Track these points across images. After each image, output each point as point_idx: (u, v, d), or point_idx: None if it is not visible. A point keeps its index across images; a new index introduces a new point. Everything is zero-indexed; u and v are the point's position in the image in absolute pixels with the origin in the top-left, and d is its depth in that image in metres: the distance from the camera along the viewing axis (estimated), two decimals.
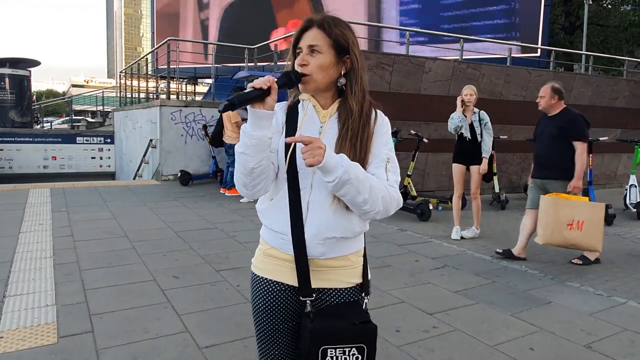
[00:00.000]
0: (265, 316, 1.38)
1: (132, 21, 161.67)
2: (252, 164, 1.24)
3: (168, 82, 10.50)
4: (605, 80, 9.72)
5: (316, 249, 1.31)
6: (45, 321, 2.90)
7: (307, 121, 1.35)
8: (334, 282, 1.36)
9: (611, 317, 3.23)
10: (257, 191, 1.31)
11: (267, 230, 1.40)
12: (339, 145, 1.30)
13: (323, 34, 1.30)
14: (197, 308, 3.16)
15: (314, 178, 1.31)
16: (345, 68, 1.33)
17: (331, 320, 1.30)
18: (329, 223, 1.30)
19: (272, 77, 1.22)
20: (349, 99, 1.33)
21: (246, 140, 1.23)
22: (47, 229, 5.11)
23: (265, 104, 1.21)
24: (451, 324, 3.04)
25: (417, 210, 6.23)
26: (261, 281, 1.39)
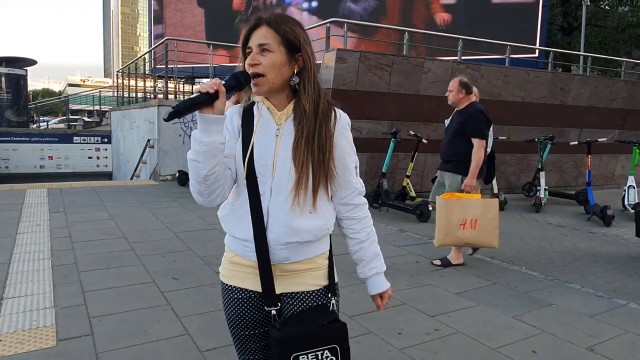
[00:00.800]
0: (236, 324, 1.36)
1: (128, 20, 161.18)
2: (204, 171, 1.21)
3: (166, 81, 10.47)
4: (603, 81, 9.74)
5: (279, 254, 1.29)
6: (43, 324, 2.87)
7: (263, 124, 1.31)
8: (300, 286, 1.34)
9: (612, 319, 3.23)
10: (214, 199, 1.28)
11: (229, 237, 1.38)
12: (294, 147, 1.26)
13: (273, 31, 1.26)
14: (198, 310, 3.14)
15: (273, 182, 1.28)
16: (298, 66, 1.29)
17: (298, 325, 1.28)
18: (290, 228, 1.27)
19: (219, 80, 1.19)
20: (302, 99, 1.28)
21: (197, 146, 1.19)
22: (44, 230, 5.08)
23: (214, 109, 1.18)
24: (453, 326, 3.03)
25: (416, 211, 6.22)
26: (229, 289, 1.37)
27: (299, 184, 1.26)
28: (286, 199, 1.27)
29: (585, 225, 6.34)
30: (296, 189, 1.26)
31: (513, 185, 8.85)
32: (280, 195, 1.27)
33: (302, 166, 1.25)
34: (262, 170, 1.27)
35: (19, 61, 16.40)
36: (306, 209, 1.28)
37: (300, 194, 1.26)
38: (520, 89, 8.46)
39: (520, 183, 8.84)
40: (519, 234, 5.72)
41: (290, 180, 1.26)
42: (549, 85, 8.72)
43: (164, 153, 9.11)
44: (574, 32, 17.60)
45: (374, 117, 7.25)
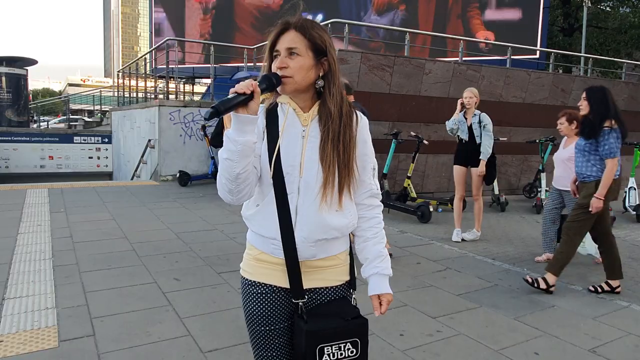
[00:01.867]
0: (258, 319, 1.39)
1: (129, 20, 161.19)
2: (237, 170, 1.24)
3: (167, 81, 10.46)
4: (604, 83, 9.74)
5: (307, 251, 1.33)
6: (45, 324, 2.87)
7: (289, 126, 1.34)
8: (324, 281, 1.39)
9: (615, 320, 3.22)
10: (242, 197, 1.31)
11: (256, 235, 1.40)
12: (321, 147, 1.31)
13: (301, 36, 1.30)
14: (199, 311, 3.14)
15: (301, 182, 1.32)
16: (323, 70, 1.34)
17: (324, 319, 1.34)
18: (318, 226, 1.32)
19: (254, 82, 1.22)
20: (327, 101, 1.33)
21: (231, 146, 1.22)
22: (45, 230, 5.07)
23: (248, 109, 1.21)
24: (455, 327, 3.03)
25: (417, 212, 6.22)
26: (252, 285, 1.40)
27: (327, 183, 1.30)
28: (315, 198, 1.31)
29: None
30: (324, 188, 1.31)
31: (514, 186, 8.84)
32: (308, 194, 1.31)
33: (330, 166, 1.30)
34: (289, 170, 1.31)
35: (19, 61, 16.38)
36: (333, 208, 1.33)
37: (328, 193, 1.31)
38: (521, 90, 8.46)
39: (521, 184, 8.84)
40: (520, 236, 5.71)
41: (318, 179, 1.31)
42: (550, 86, 8.72)
43: (164, 153, 9.10)
44: (574, 33, 17.61)
45: (375, 117, 7.23)
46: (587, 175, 3.72)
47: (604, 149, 3.57)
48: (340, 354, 1.31)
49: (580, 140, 3.80)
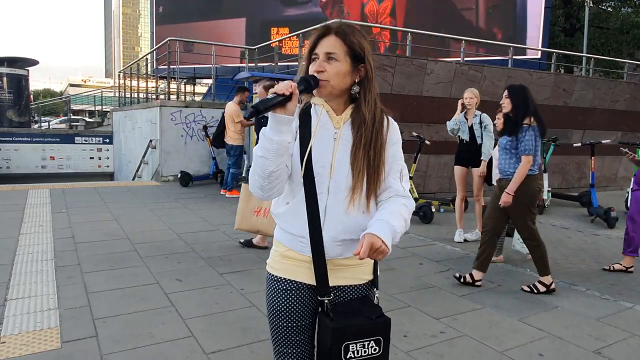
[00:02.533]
0: (282, 315, 1.42)
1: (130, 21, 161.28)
2: (271, 168, 1.27)
3: (168, 82, 10.46)
4: (606, 83, 9.73)
5: (334, 250, 1.37)
6: (48, 325, 2.86)
7: (321, 127, 1.37)
8: (349, 280, 1.42)
9: (619, 322, 3.21)
10: (272, 194, 1.34)
11: (284, 233, 1.43)
12: (353, 152, 1.34)
13: (340, 41, 1.32)
14: (202, 312, 3.13)
15: (331, 183, 1.35)
16: (359, 76, 1.36)
17: (350, 317, 1.36)
18: (346, 226, 1.36)
19: (293, 83, 1.24)
20: (362, 107, 1.35)
21: (266, 144, 1.26)
22: (47, 231, 5.06)
23: (286, 109, 1.24)
24: (459, 329, 3.02)
25: (419, 212, 6.21)
26: (278, 280, 1.43)
27: (356, 187, 1.34)
28: (343, 199, 1.35)
29: (589, 227, 6.32)
30: (353, 192, 1.34)
31: None
32: (337, 195, 1.35)
33: (360, 172, 1.33)
34: (320, 171, 1.34)
35: (20, 61, 16.37)
36: (360, 210, 1.37)
37: (356, 196, 1.35)
38: None
39: None
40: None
41: (348, 182, 1.34)
42: (551, 86, 8.71)
43: (166, 154, 9.10)
44: (576, 33, 17.59)
45: None
46: (510, 172, 3.75)
47: (521, 145, 3.64)
48: (364, 352, 1.33)
49: (503, 138, 3.83)
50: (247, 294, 3.47)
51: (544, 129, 3.70)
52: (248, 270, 4.04)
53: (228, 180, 7.64)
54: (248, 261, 4.30)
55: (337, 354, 1.31)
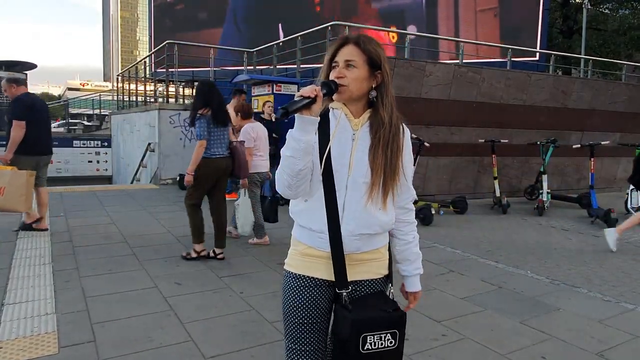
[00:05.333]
0: (299, 312, 1.46)
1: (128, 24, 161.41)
2: (299, 166, 1.35)
3: (167, 85, 10.45)
4: (604, 84, 9.74)
5: (352, 244, 1.43)
6: (45, 330, 2.83)
7: (341, 129, 1.44)
8: (367, 274, 1.48)
9: (621, 324, 3.19)
10: (299, 192, 1.42)
11: (303, 230, 1.49)
12: (372, 153, 1.42)
13: (358, 50, 1.42)
14: (201, 316, 3.10)
15: (349, 180, 1.42)
16: (376, 82, 1.45)
17: (368, 309, 1.42)
18: (363, 221, 1.43)
19: (318, 87, 1.34)
20: (380, 110, 1.44)
21: (294, 144, 1.33)
22: (45, 235, 5.02)
23: (311, 111, 1.32)
24: (460, 331, 2.99)
25: (419, 215, 6.18)
26: (296, 277, 1.48)
27: (374, 184, 1.42)
28: (362, 195, 1.42)
29: (588, 229, 6.30)
30: (371, 188, 1.42)
31: (515, 188, 8.82)
32: (355, 192, 1.42)
33: (378, 170, 1.41)
34: (338, 169, 1.41)
35: (18, 65, 16.33)
36: (377, 206, 1.44)
37: (374, 193, 1.42)
38: (522, 92, 8.44)
39: (522, 186, 8.81)
40: (523, 238, 5.68)
41: (366, 180, 1.42)
42: (550, 88, 8.71)
43: (164, 157, 9.07)
44: (574, 35, 17.62)
45: None
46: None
47: (196, 131, 4.19)
48: (381, 344, 1.38)
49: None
50: (246, 298, 3.44)
51: (219, 117, 4.23)
52: (247, 273, 4.01)
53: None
54: (247, 264, 4.27)
55: (356, 345, 1.36)
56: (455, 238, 5.51)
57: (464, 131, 8.03)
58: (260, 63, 11.07)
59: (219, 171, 4.33)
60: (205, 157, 4.16)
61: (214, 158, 4.23)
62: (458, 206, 6.99)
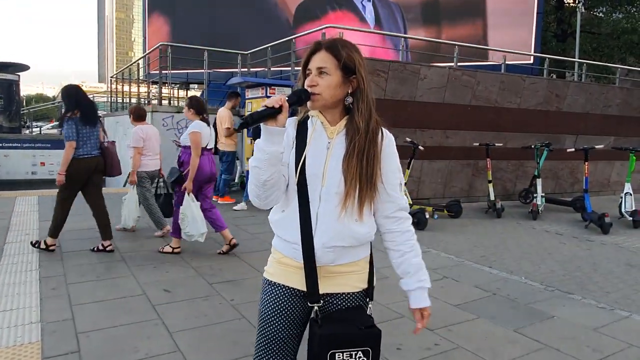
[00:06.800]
0: (272, 320, 1.44)
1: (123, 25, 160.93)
2: (265, 177, 1.32)
3: (160, 87, 10.36)
4: (599, 88, 9.75)
5: (326, 256, 1.39)
6: (29, 340, 2.76)
7: (316, 137, 1.42)
8: (343, 287, 1.43)
9: (616, 332, 3.15)
10: (270, 202, 1.39)
11: (280, 240, 1.47)
12: (346, 161, 1.37)
13: (331, 56, 1.38)
14: (189, 325, 3.03)
15: (322, 190, 1.38)
16: (352, 87, 1.40)
17: (339, 325, 1.37)
18: (337, 233, 1.38)
19: (283, 97, 1.30)
20: (355, 117, 1.39)
21: (259, 155, 1.31)
22: (33, 240, 4.93)
23: (277, 121, 1.29)
24: (453, 340, 2.94)
25: (413, 219, 6.11)
26: (273, 285, 1.46)
27: (348, 194, 1.36)
28: (335, 206, 1.37)
29: (583, 233, 6.29)
30: (345, 198, 1.36)
31: (509, 192, 8.80)
32: (329, 203, 1.38)
33: (352, 179, 1.36)
34: (312, 179, 1.38)
35: (11, 66, 16.25)
36: (353, 217, 1.39)
37: (349, 204, 1.37)
38: (516, 95, 8.43)
39: (516, 190, 8.80)
40: (518, 243, 5.65)
41: (340, 190, 1.37)
42: (544, 91, 8.71)
43: None
44: (568, 38, 17.69)
45: None
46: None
47: (64, 133, 4.31)
48: None
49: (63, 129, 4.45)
50: (237, 305, 3.38)
51: (89, 118, 4.40)
52: (239, 279, 3.95)
53: (220, 187, 7.54)
54: (239, 270, 4.21)
55: None
56: (450, 243, 5.48)
57: (458, 134, 8.00)
58: (254, 65, 11.00)
59: (89, 170, 4.48)
60: (75, 158, 4.32)
61: (83, 158, 4.38)
62: (452, 210, 6.96)
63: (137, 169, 5.24)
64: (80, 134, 4.33)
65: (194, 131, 4.41)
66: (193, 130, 4.43)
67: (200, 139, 4.44)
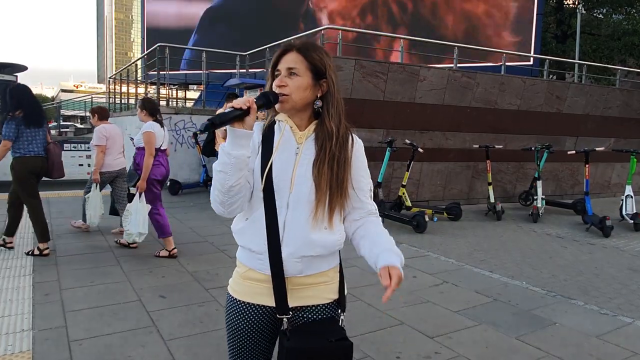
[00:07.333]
0: (242, 339, 1.39)
1: (122, 26, 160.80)
2: (230, 182, 1.26)
3: (158, 88, 10.30)
4: (599, 90, 9.70)
5: (294, 267, 1.33)
6: (20, 349, 2.69)
7: (284, 142, 1.36)
8: (312, 299, 1.38)
9: (619, 339, 3.09)
10: (234, 209, 1.33)
11: (243, 251, 1.41)
12: (316, 167, 1.33)
13: (301, 57, 1.34)
14: (185, 332, 2.97)
15: (290, 197, 1.33)
16: (322, 91, 1.37)
17: (307, 338, 1.32)
18: (305, 242, 1.33)
19: (251, 98, 1.25)
20: (326, 121, 1.35)
21: (225, 159, 1.25)
22: (27, 243, 4.88)
23: (244, 124, 1.23)
24: (454, 348, 2.88)
25: (412, 222, 6.08)
26: (239, 304, 1.40)
27: (319, 201, 1.32)
28: (303, 214, 1.32)
29: (584, 236, 6.23)
30: (316, 205, 1.32)
31: (509, 194, 8.74)
32: (297, 210, 1.32)
33: (322, 184, 1.32)
34: (280, 185, 1.32)
35: (8, 67, 16.16)
36: (322, 225, 1.34)
37: (319, 211, 1.32)
38: (517, 97, 8.38)
39: (516, 192, 8.74)
40: (519, 246, 5.59)
41: (309, 196, 1.32)
42: (545, 93, 8.65)
43: None
44: (568, 40, 17.64)
45: (369, 125, 7.12)
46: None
47: (3, 132, 4.30)
48: None
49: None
50: None
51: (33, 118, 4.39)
52: None
53: None
54: None
55: None
56: (449, 246, 5.42)
57: (458, 136, 7.95)
58: (253, 66, 10.94)
59: (36, 169, 4.49)
60: (19, 156, 4.35)
61: (28, 156, 4.39)
62: (452, 212, 6.90)
63: (99, 168, 5.22)
64: (24, 134, 4.34)
65: (147, 131, 4.46)
66: (146, 130, 4.48)
67: (154, 139, 4.48)
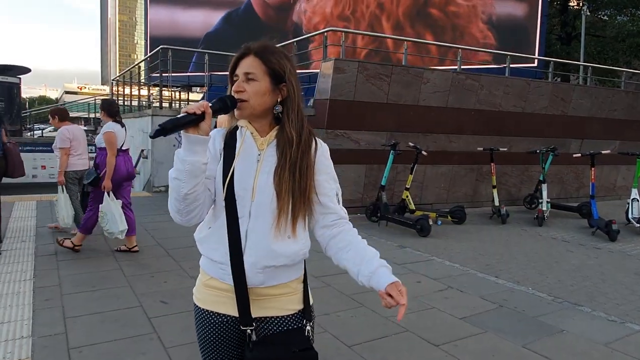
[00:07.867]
0: (209, 347, 1.38)
1: (126, 28, 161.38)
2: (185, 190, 1.23)
3: (160, 90, 10.29)
4: (604, 92, 9.63)
5: (256, 277, 1.30)
6: (19, 356, 2.66)
7: (245, 149, 1.33)
8: (274, 310, 1.35)
9: (628, 347, 3.04)
10: (191, 218, 1.30)
11: (206, 260, 1.38)
12: (278, 174, 1.29)
13: (259, 61, 1.30)
14: (186, 339, 2.93)
15: (252, 206, 1.30)
16: (282, 96, 1.33)
17: (271, 349, 1.30)
18: (267, 252, 1.29)
19: (206, 103, 1.21)
20: (286, 127, 1.32)
21: (179, 165, 1.22)
22: (29, 247, 4.86)
23: (199, 129, 1.20)
24: (459, 357, 2.83)
25: (416, 225, 6.03)
26: (203, 313, 1.38)
27: (281, 210, 1.28)
28: (266, 223, 1.29)
29: (590, 240, 6.16)
30: (278, 214, 1.28)
31: (514, 197, 8.68)
32: (259, 219, 1.29)
33: (285, 193, 1.28)
34: (241, 194, 1.29)
35: (12, 69, 16.20)
36: (286, 234, 1.30)
37: (282, 220, 1.28)
38: (521, 99, 8.32)
39: (521, 195, 8.67)
40: (524, 250, 5.53)
41: (271, 205, 1.28)
42: (549, 95, 8.59)
43: (157, 164, 8.91)
44: (572, 41, 17.57)
45: (373, 128, 7.08)
46: None
47: None
48: None
49: None
50: None
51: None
52: None
53: None
54: None
55: None
56: (454, 250, 5.36)
57: (462, 139, 7.90)
58: None
59: None
60: None
61: None
62: (456, 216, 6.84)
63: (64, 169, 5.18)
64: None
65: (108, 131, 4.57)
66: (107, 130, 4.58)
67: (115, 139, 4.59)
